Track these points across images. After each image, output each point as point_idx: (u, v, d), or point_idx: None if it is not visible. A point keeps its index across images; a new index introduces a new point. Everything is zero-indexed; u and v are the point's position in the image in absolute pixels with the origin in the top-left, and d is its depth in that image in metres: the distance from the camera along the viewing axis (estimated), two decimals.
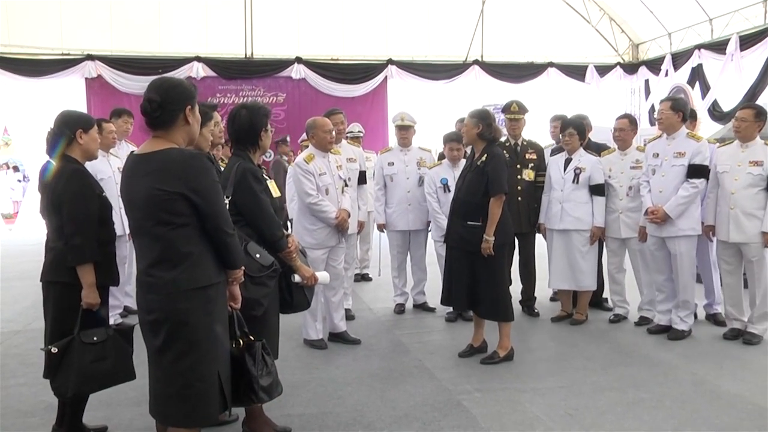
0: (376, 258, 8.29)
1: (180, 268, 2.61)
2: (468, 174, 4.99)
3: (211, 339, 2.69)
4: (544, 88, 14.76)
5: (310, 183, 5.05)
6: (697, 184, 5.30)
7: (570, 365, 4.90)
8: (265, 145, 3.72)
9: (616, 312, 6.16)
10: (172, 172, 2.57)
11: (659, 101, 5.78)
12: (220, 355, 2.75)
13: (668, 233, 5.42)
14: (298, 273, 3.69)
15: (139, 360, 3.28)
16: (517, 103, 6.34)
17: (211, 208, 2.64)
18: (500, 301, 4.89)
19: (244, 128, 3.64)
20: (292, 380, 4.56)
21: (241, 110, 3.67)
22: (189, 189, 2.57)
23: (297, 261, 3.69)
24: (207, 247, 2.68)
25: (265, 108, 3.74)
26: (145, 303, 2.69)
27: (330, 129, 5.17)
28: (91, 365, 3.32)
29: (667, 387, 4.42)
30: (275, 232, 3.56)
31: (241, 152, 3.65)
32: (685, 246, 5.40)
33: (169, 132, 2.68)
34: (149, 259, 2.65)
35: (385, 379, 4.65)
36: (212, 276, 2.70)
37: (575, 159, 5.95)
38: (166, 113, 2.66)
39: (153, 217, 2.59)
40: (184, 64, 13.23)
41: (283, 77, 13.96)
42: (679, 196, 5.31)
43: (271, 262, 3.40)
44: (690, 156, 5.32)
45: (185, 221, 2.60)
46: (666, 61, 13.88)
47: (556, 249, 6.06)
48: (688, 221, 5.38)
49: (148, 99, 2.65)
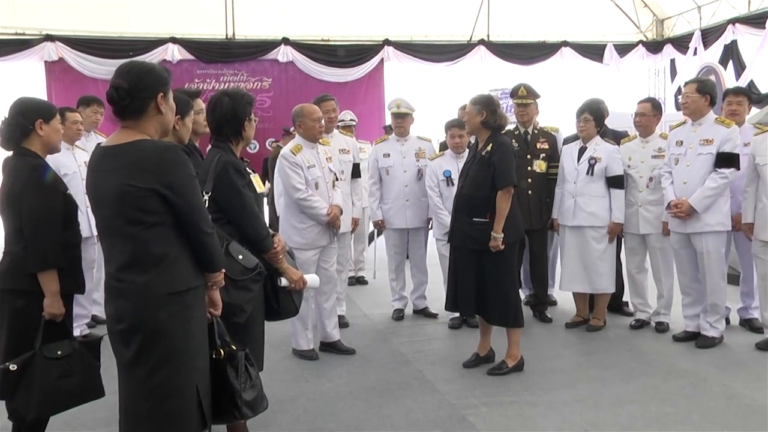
0: (371, 259, 8.30)
1: (154, 272, 2.61)
2: (472, 166, 5.01)
3: (189, 349, 2.70)
4: (557, 70, 14.71)
5: (298, 176, 5.06)
6: (727, 174, 5.29)
7: (586, 376, 4.93)
8: (249, 136, 3.74)
9: (637, 317, 6.18)
10: (144, 166, 2.56)
11: (684, 83, 5.76)
12: (198, 366, 2.76)
13: (693, 229, 5.41)
14: (285, 276, 3.71)
15: (108, 375, 3.28)
16: (526, 86, 6.35)
17: (188, 205, 2.64)
18: (509, 306, 4.91)
19: (226, 117, 3.65)
20: (279, 394, 4.56)
21: (222, 97, 3.69)
22: (163, 184, 2.57)
23: (284, 263, 3.71)
24: (183, 248, 2.68)
25: (249, 95, 3.77)
26: (115, 311, 2.68)
27: (319, 117, 5.19)
28: (56, 383, 3.29)
29: (696, 401, 4.44)
30: (260, 230, 3.57)
31: (222, 143, 3.67)
32: (713, 243, 5.40)
33: (139, 122, 2.68)
34: (119, 262, 2.65)
35: (383, 393, 4.67)
36: (190, 279, 2.70)
37: (590, 148, 5.96)
38: (135, 101, 2.66)
39: (123, 216, 2.59)
40: (158, 46, 13.13)
41: (269, 60, 13.91)
42: (705, 188, 5.31)
43: (255, 264, 3.41)
44: (719, 143, 5.32)
45: (159, 220, 2.60)
46: (695, 37, 13.74)
47: (569, 247, 6.08)
48: (716, 215, 5.37)
49: (115, 86, 2.65)
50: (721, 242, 5.45)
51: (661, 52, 15.05)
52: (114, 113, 2.70)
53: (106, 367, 3.41)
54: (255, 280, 3.42)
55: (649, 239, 5.98)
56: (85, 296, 5.72)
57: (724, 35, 13.02)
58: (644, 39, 15.19)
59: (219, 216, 3.44)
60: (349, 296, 7.06)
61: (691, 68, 13.54)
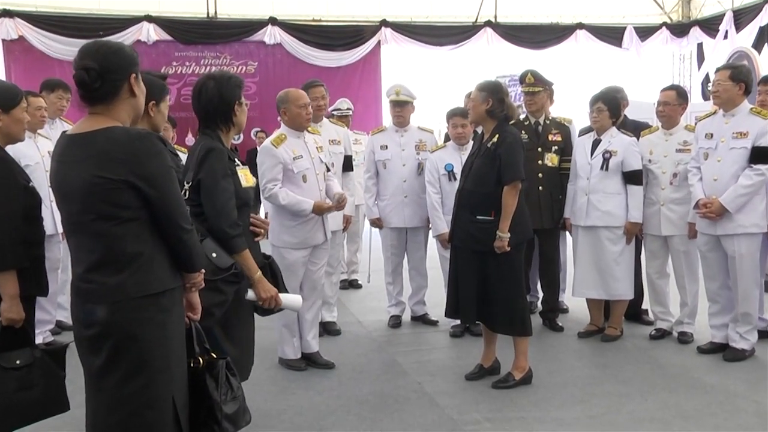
0: (365, 261, 8.31)
1: (127, 272, 2.61)
2: (476, 159, 5.02)
3: (165, 357, 2.70)
4: (572, 55, 14.77)
5: (271, 173, 5.04)
6: (763, 170, 5.24)
7: (601, 390, 4.94)
8: (241, 122, 3.76)
9: (657, 326, 6.19)
10: (116, 155, 2.55)
11: (715, 70, 5.70)
12: (175, 376, 2.76)
13: (725, 230, 5.37)
14: (254, 289, 3.67)
15: (74, 386, 3.27)
16: (533, 73, 6.37)
17: (164, 199, 2.64)
18: (516, 312, 4.91)
19: (213, 103, 3.67)
20: (264, 408, 4.58)
21: (207, 82, 3.71)
22: (137, 176, 2.56)
23: (257, 272, 3.66)
24: (160, 246, 2.69)
25: (237, 77, 3.79)
26: (83, 315, 2.68)
27: (306, 103, 5.18)
28: (14, 395, 3.27)
29: (723, 419, 4.43)
30: (226, 228, 3.54)
31: (210, 131, 3.69)
32: (747, 246, 5.35)
33: (110, 107, 2.68)
34: (89, 262, 2.64)
35: (377, 407, 4.68)
36: (166, 280, 2.70)
37: (605, 140, 5.97)
38: (107, 84, 2.65)
39: (93, 211, 2.58)
40: (131, 25, 13.14)
41: (254, 42, 13.94)
42: (739, 186, 5.27)
43: (230, 265, 3.41)
44: (754, 137, 5.27)
45: (133, 215, 2.60)
46: (726, 19, 13.68)
47: (582, 250, 6.10)
48: (751, 216, 5.33)
49: (85, 67, 2.62)
50: (755, 245, 5.41)
51: (687, 35, 15.02)
52: (82, 98, 2.69)
53: (72, 378, 3.41)
54: (228, 282, 3.40)
55: (671, 241, 5.97)
56: (48, 300, 5.72)
57: (759, 16, 12.93)
58: (668, 21, 15.20)
59: (200, 210, 3.46)
60: (340, 301, 7.07)
61: (720, 53, 13.48)
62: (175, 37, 13.55)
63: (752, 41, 13.10)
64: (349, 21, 14.12)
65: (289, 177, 5.09)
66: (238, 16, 13.77)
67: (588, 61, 14.85)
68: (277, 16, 13.76)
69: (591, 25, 14.73)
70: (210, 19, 13.67)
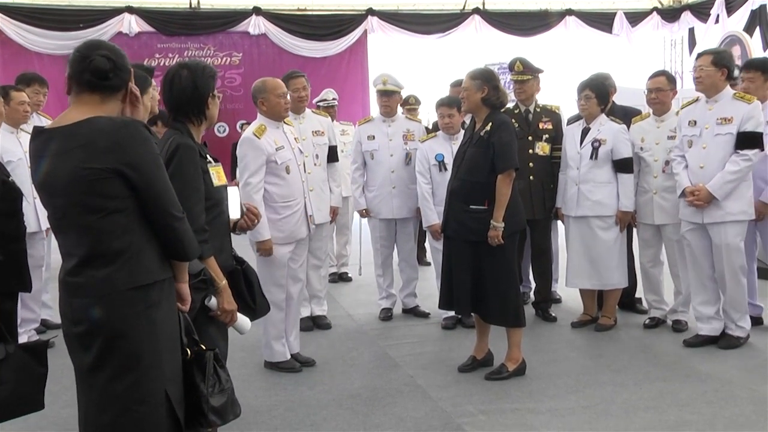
0: (355, 253, 8.32)
1: (115, 264, 2.60)
2: (468, 148, 5.03)
3: (155, 352, 2.69)
4: (561, 41, 14.77)
5: (255, 164, 5.01)
6: (750, 155, 5.25)
7: (595, 380, 4.96)
8: (213, 115, 3.62)
9: (651, 315, 6.23)
10: (101, 144, 2.54)
11: (696, 56, 5.67)
12: (168, 371, 2.75)
13: (712, 218, 5.37)
14: (219, 297, 3.42)
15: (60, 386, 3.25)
16: (522, 61, 6.37)
17: (154, 186, 2.64)
18: (509, 303, 4.94)
19: (185, 93, 3.51)
20: (255, 404, 4.59)
21: (181, 70, 3.55)
22: (124, 163, 2.55)
23: (223, 279, 3.46)
24: (148, 237, 2.68)
25: (211, 68, 3.64)
26: (71, 310, 2.67)
27: (284, 92, 5.15)
28: None
29: (719, 407, 4.46)
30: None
31: (179, 125, 3.53)
32: (733, 234, 5.34)
33: (106, 101, 2.68)
34: (78, 257, 2.63)
35: (369, 401, 4.69)
36: (156, 272, 2.70)
37: (594, 129, 5.99)
38: (116, 79, 2.68)
39: (79, 204, 2.58)
40: (112, 16, 13.05)
41: (238, 33, 13.89)
42: (726, 172, 5.27)
43: (199, 270, 3.26)
44: (739, 122, 5.28)
45: (121, 205, 2.60)
46: (717, 3, 13.63)
47: (574, 240, 6.13)
48: (739, 203, 5.33)
49: (105, 56, 2.64)
50: (741, 233, 5.41)
51: (678, 20, 15.01)
52: (83, 84, 2.66)
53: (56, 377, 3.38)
54: (197, 288, 3.23)
55: (664, 230, 5.98)
56: (33, 298, 5.72)
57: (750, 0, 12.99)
58: (659, 6, 15.20)
59: None
60: (331, 294, 7.08)
61: (712, 38, 13.50)
62: (157, 28, 13.47)
63: (744, 25, 13.12)
64: (335, 10, 14.09)
65: (272, 169, 5.05)
66: (222, 6, 13.72)
67: (578, 48, 14.85)
68: (261, 6, 13.71)
69: (580, 11, 14.71)
70: (193, 9, 13.61)
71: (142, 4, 13.26)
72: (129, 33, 13.03)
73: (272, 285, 5.05)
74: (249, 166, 5.02)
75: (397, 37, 14.35)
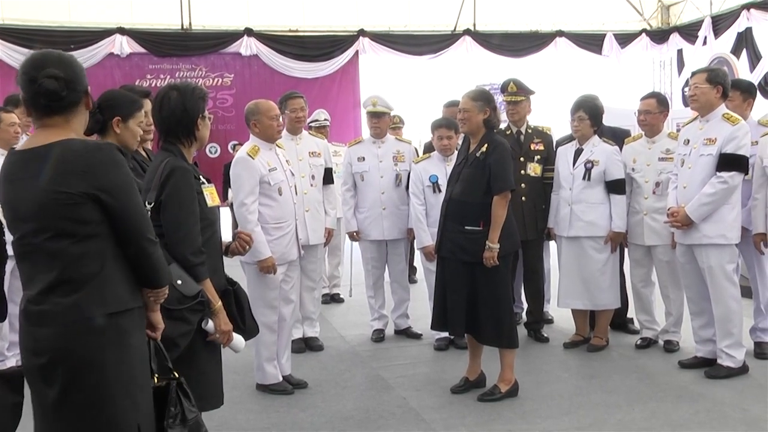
0: (347, 274, 8.32)
1: (84, 290, 2.52)
2: (464, 169, 5.05)
3: (126, 383, 2.59)
4: (551, 62, 14.83)
5: (249, 185, 5.03)
6: (726, 178, 5.14)
7: (588, 401, 4.98)
8: (203, 137, 3.60)
9: (643, 335, 6.24)
10: (74, 168, 2.48)
11: (691, 73, 5.61)
12: (139, 402, 2.66)
13: (692, 240, 5.32)
14: (215, 320, 3.41)
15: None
16: (515, 82, 6.41)
17: (127, 210, 2.57)
18: (503, 324, 4.95)
19: (175, 115, 3.49)
20: (246, 427, 4.59)
21: (170, 92, 3.53)
22: (97, 188, 2.49)
23: (218, 301, 3.45)
24: (120, 265, 2.60)
25: (201, 89, 3.62)
26: (33, 341, 2.56)
27: (276, 114, 5.19)
28: None
29: (711, 427, 4.48)
30: (189, 256, 3.30)
31: (171, 146, 3.52)
32: (716, 258, 5.25)
33: (69, 119, 2.61)
34: (43, 283, 2.53)
35: (362, 423, 4.68)
36: (126, 300, 2.61)
37: (587, 150, 6.03)
38: (71, 94, 2.58)
39: (50, 229, 2.50)
40: (104, 37, 12.98)
41: (230, 54, 13.89)
42: (702, 194, 5.19)
43: (196, 292, 3.25)
44: (721, 143, 5.19)
45: (93, 231, 2.53)
46: (704, 25, 13.75)
47: (567, 260, 6.16)
48: (717, 226, 5.22)
49: (53, 76, 2.52)
50: (725, 257, 5.29)
51: (666, 41, 15.13)
52: (41, 109, 2.57)
53: None
54: (195, 311, 3.25)
55: (655, 251, 5.99)
56: None
57: (737, 22, 13.01)
58: (648, 27, 15.31)
59: (161, 232, 3.25)
60: (323, 316, 7.07)
61: (700, 59, 13.56)
62: (149, 49, 13.44)
63: (731, 47, 13.25)
64: (327, 31, 14.10)
65: (264, 190, 5.09)
66: (213, 27, 13.71)
67: (568, 69, 14.92)
68: (253, 27, 13.73)
69: (570, 32, 14.75)
70: (184, 30, 13.60)
71: (134, 25, 13.23)
72: (120, 54, 12.99)
73: (264, 306, 5.06)
74: (243, 186, 5.03)
75: (389, 58, 14.38)
